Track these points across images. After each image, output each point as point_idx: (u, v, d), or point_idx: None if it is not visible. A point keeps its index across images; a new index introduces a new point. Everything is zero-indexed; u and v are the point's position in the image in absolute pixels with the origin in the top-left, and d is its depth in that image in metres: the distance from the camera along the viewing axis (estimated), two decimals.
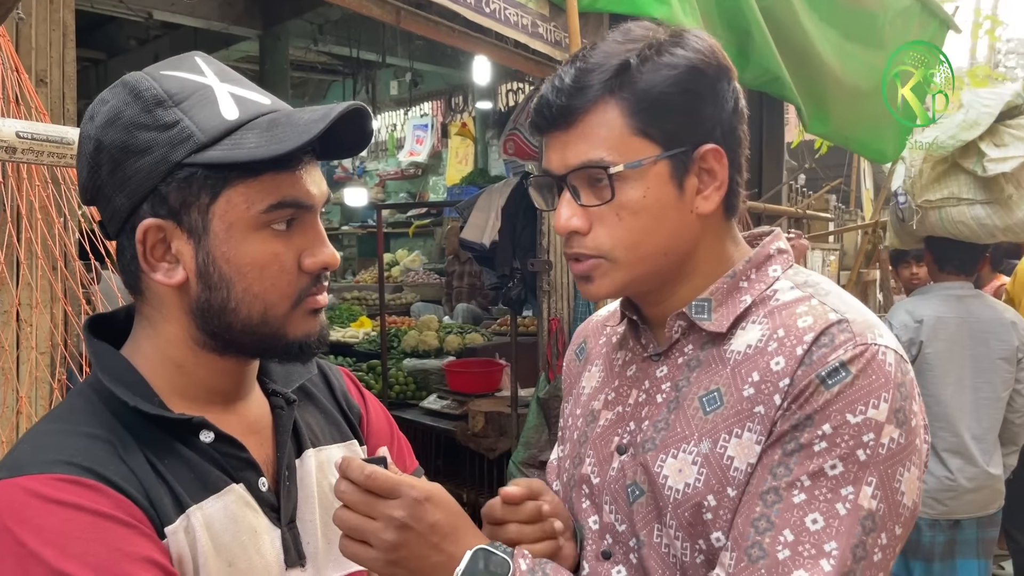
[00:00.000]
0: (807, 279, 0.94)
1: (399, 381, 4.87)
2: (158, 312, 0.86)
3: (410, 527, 0.81)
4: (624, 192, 0.88)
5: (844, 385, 0.81)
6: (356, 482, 0.81)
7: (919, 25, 5.29)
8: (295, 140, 0.78)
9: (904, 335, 3.01)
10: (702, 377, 0.91)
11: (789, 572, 0.78)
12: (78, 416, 0.81)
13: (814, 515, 0.79)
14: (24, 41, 1.82)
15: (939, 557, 3.02)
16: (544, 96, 0.91)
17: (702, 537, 0.87)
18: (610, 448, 0.97)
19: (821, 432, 0.81)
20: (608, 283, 0.92)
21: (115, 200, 0.82)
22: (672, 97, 0.88)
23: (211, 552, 0.81)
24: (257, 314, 0.83)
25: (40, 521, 0.71)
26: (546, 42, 3.42)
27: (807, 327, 0.86)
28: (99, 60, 8.08)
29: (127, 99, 0.81)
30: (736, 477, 0.85)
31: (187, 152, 0.79)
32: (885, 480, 0.81)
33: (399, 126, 10.57)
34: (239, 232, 0.81)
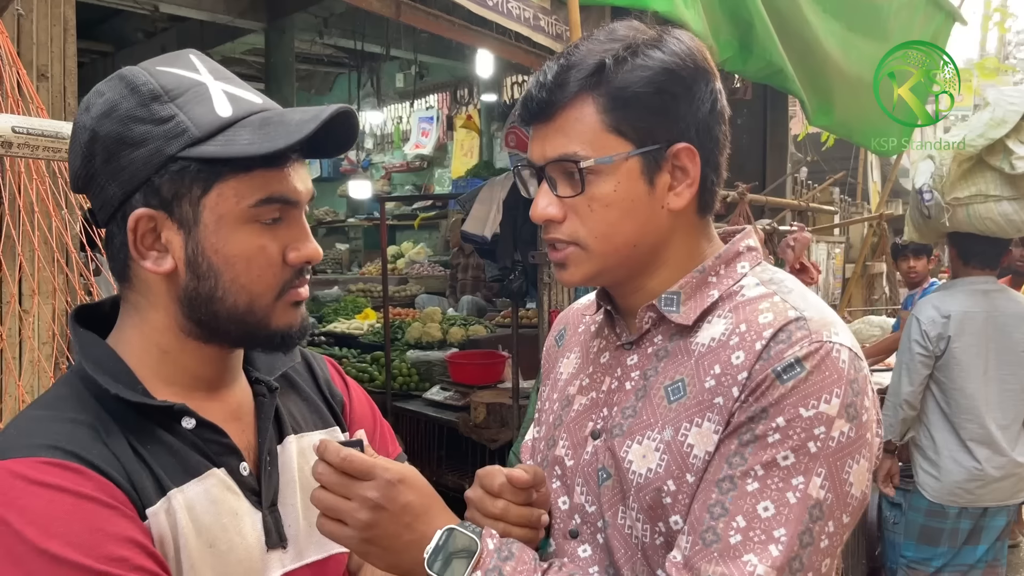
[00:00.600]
0: (772, 277, 0.97)
1: (403, 372, 4.90)
2: (145, 299, 0.88)
3: (383, 507, 0.84)
4: (596, 185, 0.92)
5: (798, 380, 0.85)
6: (332, 464, 0.85)
7: (924, 17, 5.26)
8: (287, 139, 0.81)
9: (932, 330, 3.13)
10: (669, 367, 0.95)
11: (740, 556, 0.82)
12: (63, 403, 0.84)
13: (766, 503, 0.83)
14: (25, 36, 1.84)
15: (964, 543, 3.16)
16: (529, 89, 0.95)
17: (661, 520, 0.90)
18: (584, 433, 1.01)
19: (775, 424, 0.84)
20: (581, 271, 0.96)
21: (107, 189, 0.84)
22: (645, 97, 0.91)
23: (192, 533, 0.83)
24: (243, 304, 0.86)
25: (24, 502, 0.74)
26: (547, 35, 3.42)
27: (767, 323, 0.89)
28: (107, 53, 8.11)
29: (124, 92, 0.83)
30: (695, 464, 0.88)
31: (181, 146, 0.81)
32: (834, 471, 0.85)
33: (405, 119, 10.60)
34: (228, 225, 0.84)
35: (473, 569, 0.85)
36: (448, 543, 0.86)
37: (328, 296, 7.29)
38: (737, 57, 4.02)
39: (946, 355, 3.13)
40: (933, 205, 3.15)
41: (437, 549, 0.86)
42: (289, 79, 7.11)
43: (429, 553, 0.86)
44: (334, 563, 0.98)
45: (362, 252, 10.37)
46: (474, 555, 0.86)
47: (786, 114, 6.58)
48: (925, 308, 3.26)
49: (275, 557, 0.91)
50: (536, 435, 1.14)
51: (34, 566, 0.72)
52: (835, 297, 7.00)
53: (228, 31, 6.82)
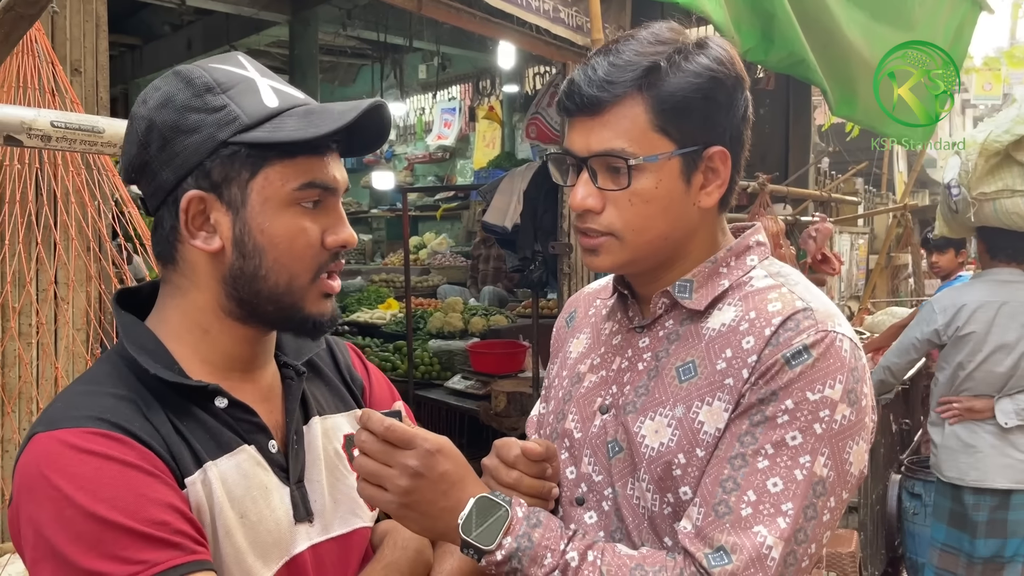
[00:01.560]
0: (779, 270, 1.04)
1: (424, 362, 4.96)
2: (189, 280, 0.93)
3: (423, 475, 0.90)
4: (639, 181, 0.97)
5: (806, 366, 0.92)
6: (376, 433, 0.91)
7: (950, 5, 5.20)
8: (331, 125, 0.88)
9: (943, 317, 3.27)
10: (680, 350, 1.01)
11: (750, 527, 0.89)
12: (106, 379, 0.89)
13: (775, 479, 0.90)
14: (59, 32, 1.90)
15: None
16: (576, 82, 0.99)
17: (670, 491, 0.96)
18: (593, 407, 1.07)
19: (784, 407, 0.91)
20: (611, 259, 1.02)
21: (161, 175, 0.90)
22: (693, 101, 0.97)
23: (225, 503, 0.88)
24: (284, 283, 0.91)
25: (74, 469, 0.79)
26: (567, 27, 3.44)
27: (776, 311, 0.96)
28: (135, 46, 8.23)
29: (179, 85, 0.89)
30: (704, 440, 0.95)
31: (233, 132, 0.88)
32: (836, 451, 0.92)
33: (427, 110, 10.62)
34: (273, 206, 0.89)
35: (504, 535, 0.91)
36: (481, 510, 0.92)
37: (351, 286, 7.37)
38: (759, 47, 4.01)
39: (955, 341, 3.25)
40: (960, 200, 3.20)
41: (471, 515, 0.92)
42: (313, 71, 7.17)
43: (463, 519, 0.92)
44: (358, 537, 1.03)
45: (385, 243, 10.44)
46: (505, 522, 0.92)
47: (809, 104, 6.54)
48: (942, 296, 3.39)
49: (302, 530, 0.96)
50: (543, 410, 1.20)
51: (83, 528, 0.77)
52: (858, 288, 6.96)
53: (253, 23, 6.89)
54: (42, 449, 0.81)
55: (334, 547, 0.99)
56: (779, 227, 4.18)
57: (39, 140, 1.24)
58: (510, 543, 0.91)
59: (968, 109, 16.98)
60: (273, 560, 0.92)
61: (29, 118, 1.24)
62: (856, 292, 6.92)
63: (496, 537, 0.91)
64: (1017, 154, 3.04)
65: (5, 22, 1.13)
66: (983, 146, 3.07)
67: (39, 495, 0.79)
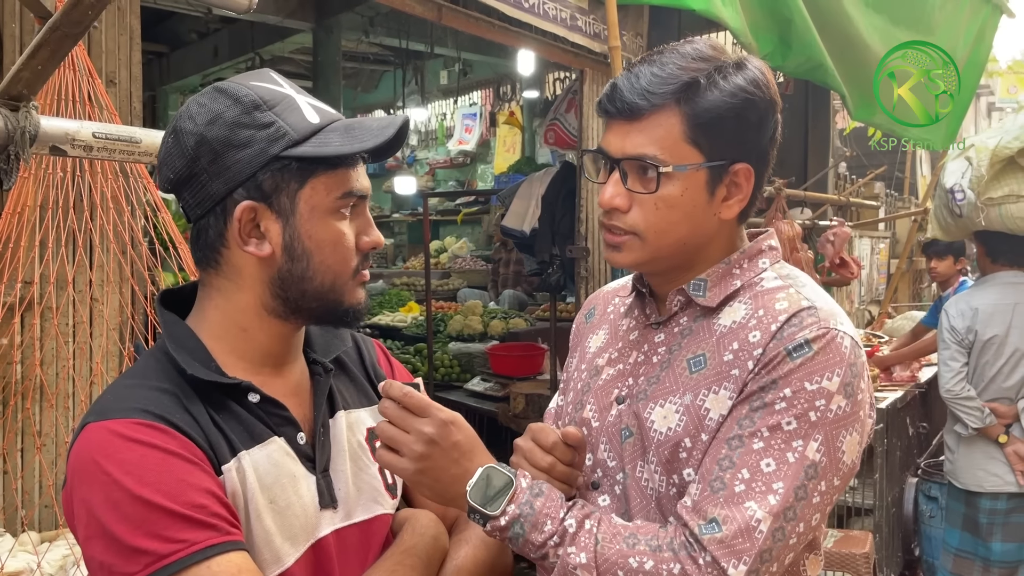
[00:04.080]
0: (789, 273, 1.11)
1: (444, 364, 5.03)
2: (232, 283, 1.00)
3: (436, 443, 0.98)
4: (666, 187, 1.04)
5: (806, 359, 0.98)
6: (395, 399, 0.98)
7: (970, 10, 5.19)
8: (373, 141, 0.97)
9: (960, 323, 3.30)
10: (691, 343, 1.08)
11: (742, 502, 0.95)
12: (151, 373, 0.96)
13: (768, 460, 0.96)
14: (95, 45, 2.00)
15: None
16: (618, 87, 1.06)
17: (676, 472, 1.03)
18: (610, 398, 1.14)
19: (782, 395, 0.97)
20: (632, 257, 1.08)
21: (209, 186, 0.96)
22: (726, 120, 1.03)
23: (257, 489, 0.95)
24: (328, 282, 0.99)
25: (121, 456, 0.87)
26: (585, 34, 3.50)
27: (782, 309, 1.02)
28: (162, 53, 8.39)
29: (227, 103, 0.96)
30: (709, 425, 1.02)
31: (283, 147, 0.95)
32: (830, 439, 0.97)
33: (448, 115, 10.71)
34: (319, 214, 0.97)
35: (508, 502, 0.98)
36: (488, 479, 0.99)
37: (373, 289, 7.46)
38: (776, 53, 4.04)
39: (978, 346, 3.28)
40: (966, 204, 3.23)
41: (478, 483, 0.99)
42: (336, 77, 7.27)
43: (471, 486, 0.99)
44: (379, 523, 1.09)
45: (406, 247, 10.53)
46: (510, 490, 0.99)
47: (828, 108, 6.54)
48: (955, 303, 3.41)
49: (327, 516, 1.02)
50: (561, 401, 1.27)
51: (129, 509, 0.85)
52: (879, 292, 6.94)
53: (277, 31, 7.01)
54: (93, 437, 0.89)
55: (356, 532, 1.06)
56: (796, 231, 4.20)
57: (82, 150, 1.32)
58: (513, 510, 0.98)
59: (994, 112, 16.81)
60: (300, 543, 0.98)
61: (73, 130, 1.32)
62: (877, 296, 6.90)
63: (501, 504, 0.98)
64: (1022, 159, 3.09)
65: (52, 41, 1.21)
66: (994, 152, 3.10)
67: (91, 479, 0.87)
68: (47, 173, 1.64)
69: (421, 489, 1.02)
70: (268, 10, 6.30)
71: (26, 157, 1.24)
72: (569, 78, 7.94)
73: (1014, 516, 3.22)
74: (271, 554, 0.95)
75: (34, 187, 1.65)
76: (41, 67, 1.23)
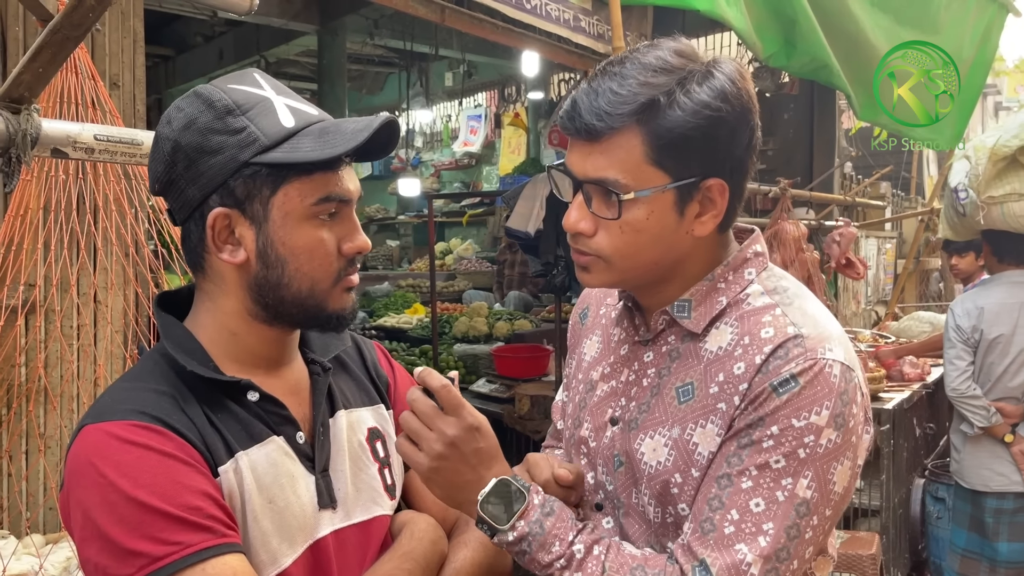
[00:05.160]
0: (776, 285, 1.05)
1: (450, 365, 5.02)
2: (217, 287, 0.99)
3: (457, 446, 0.97)
4: (630, 212, 0.98)
5: (792, 394, 0.94)
6: (433, 389, 0.98)
7: (976, 10, 5.17)
8: (344, 146, 0.94)
9: (966, 322, 3.30)
10: (680, 369, 1.04)
11: (732, 544, 0.93)
12: (148, 376, 0.96)
13: (757, 499, 0.93)
14: (99, 48, 2.00)
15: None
16: (577, 105, 0.98)
17: (671, 505, 1.01)
18: (604, 418, 1.12)
19: (770, 432, 0.94)
20: (600, 279, 1.05)
21: (187, 192, 0.96)
22: (692, 139, 0.96)
23: (255, 490, 0.95)
24: (306, 289, 0.97)
25: (118, 458, 0.86)
26: (588, 35, 3.49)
27: (768, 338, 0.98)
28: (168, 56, 8.44)
29: (201, 108, 0.95)
30: (699, 460, 0.99)
31: (253, 153, 0.93)
32: (820, 474, 0.94)
33: (453, 117, 10.73)
34: (293, 220, 0.95)
35: (519, 518, 0.97)
36: (501, 491, 0.99)
37: (378, 291, 7.47)
38: (781, 53, 4.02)
39: (985, 345, 3.28)
40: (969, 203, 3.23)
41: (491, 494, 0.98)
42: (341, 79, 7.30)
43: (483, 495, 0.98)
44: (378, 524, 1.09)
45: (411, 248, 10.54)
46: (522, 506, 0.98)
47: (834, 108, 6.52)
48: (961, 301, 3.41)
49: (326, 516, 1.02)
50: (564, 398, 1.25)
51: (124, 510, 0.85)
52: (885, 292, 6.91)
53: (282, 34, 7.04)
54: (90, 439, 0.89)
55: (355, 532, 1.05)
56: (801, 231, 4.19)
57: (83, 153, 1.32)
58: (523, 527, 0.97)
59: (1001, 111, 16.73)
60: (298, 543, 0.98)
61: (75, 132, 1.32)
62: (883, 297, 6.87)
63: (511, 519, 0.97)
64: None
65: (53, 43, 1.21)
66: (992, 151, 3.10)
67: (87, 481, 0.87)
68: (50, 176, 1.65)
69: (432, 487, 1.02)
70: (273, 13, 6.33)
71: (28, 159, 1.24)
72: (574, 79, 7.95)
73: (1020, 516, 3.20)
74: (268, 555, 0.95)
75: (37, 189, 1.65)
76: (42, 69, 1.23)
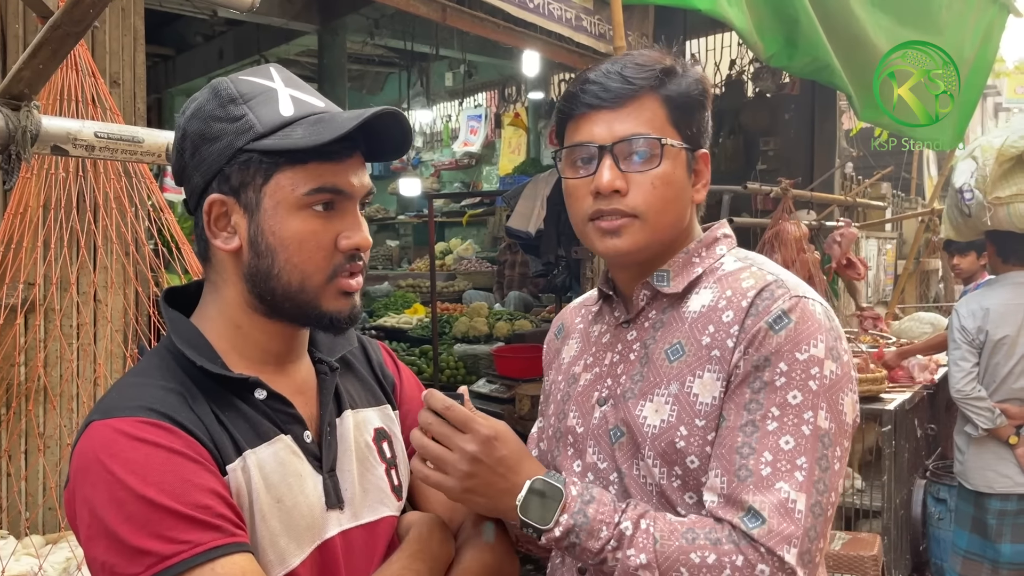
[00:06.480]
0: (747, 255, 1.15)
1: (450, 365, 5.03)
2: (221, 277, 0.99)
3: (481, 460, 0.98)
4: (665, 164, 1.07)
5: (789, 330, 1.00)
6: (436, 411, 0.98)
7: (978, 10, 5.17)
8: (331, 133, 0.92)
9: (971, 323, 3.29)
10: (665, 335, 1.10)
11: (772, 484, 0.96)
12: (156, 371, 0.95)
13: (786, 437, 0.98)
14: (99, 46, 1.99)
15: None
16: (595, 80, 1.08)
17: (677, 464, 1.04)
18: (591, 402, 1.15)
19: (780, 370, 0.99)
20: (632, 239, 1.08)
21: (193, 179, 0.97)
22: (695, 106, 1.10)
23: (263, 489, 0.94)
24: (296, 282, 0.95)
25: (126, 455, 0.85)
26: (590, 35, 3.49)
27: (750, 286, 1.05)
28: (168, 56, 8.42)
29: (209, 96, 0.96)
30: (702, 410, 1.03)
31: (248, 140, 0.93)
32: (832, 404, 1.00)
33: (454, 117, 10.72)
34: (284, 210, 0.94)
35: (561, 512, 0.98)
36: (537, 491, 0.99)
37: (379, 291, 7.47)
38: (782, 53, 4.02)
39: (990, 346, 3.26)
40: (974, 204, 3.24)
41: (528, 496, 0.99)
42: (341, 79, 7.28)
43: (521, 501, 0.98)
44: (385, 525, 1.07)
45: (412, 248, 10.53)
46: (560, 500, 0.98)
47: (835, 109, 6.51)
48: (966, 302, 3.41)
49: (333, 516, 1.01)
50: (541, 425, 1.28)
51: (133, 508, 0.84)
52: (886, 293, 6.91)
53: (283, 33, 7.02)
54: (98, 436, 0.88)
55: (362, 533, 1.04)
56: (802, 232, 4.18)
57: (84, 150, 1.32)
58: (567, 520, 0.97)
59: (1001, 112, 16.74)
60: (306, 543, 0.97)
61: (75, 129, 1.31)
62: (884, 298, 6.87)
63: (553, 515, 0.97)
64: None
65: (53, 39, 1.20)
66: (999, 151, 3.10)
67: (94, 478, 0.86)
68: (50, 173, 1.64)
69: (469, 504, 1.02)
70: (273, 12, 6.31)
71: (27, 157, 1.23)
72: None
73: (1023, 517, 3.20)
74: (276, 555, 0.94)
75: (37, 187, 1.65)
76: (42, 66, 1.22)
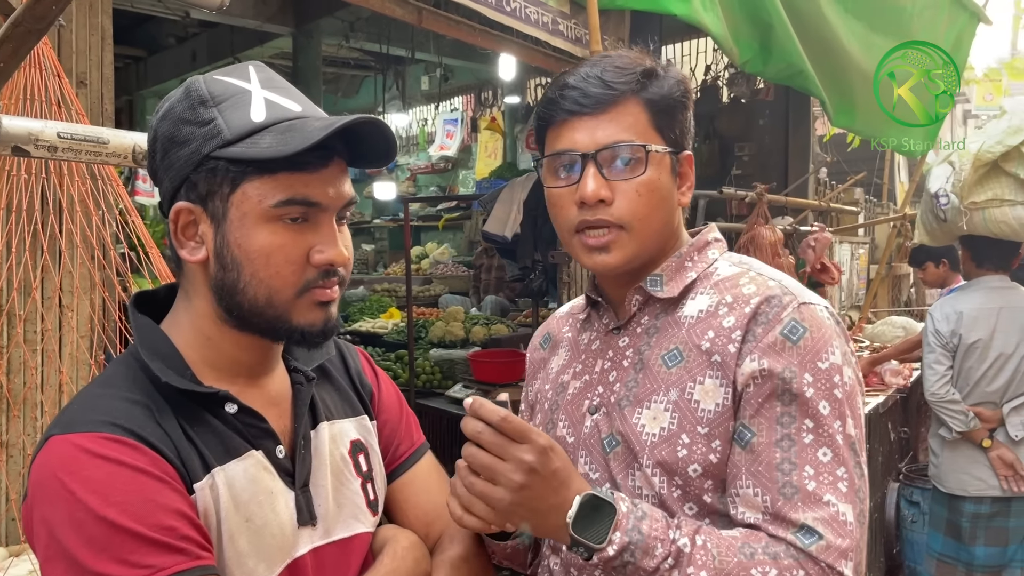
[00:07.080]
0: (741, 259, 1.12)
1: (426, 371, 4.98)
2: (192, 286, 0.95)
3: (537, 471, 0.91)
4: (650, 171, 1.04)
5: (806, 340, 0.98)
6: (492, 424, 0.91)
7: (948, 17, 5.23)
8: (299, 143, 0.86)
9: (945, 326, 3.32)
10: (661, 340, 1.06)
11: (820, 498, 0.94)
12: (121, 382, 0.90)
13: (823, 449, 0.96)
14: (65, 45, 1.94)
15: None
16: (575, 85, 1.04)
17: (678, 473, 1.00)
18: (582, 410, 1.11)
19: (806, 381, 0.97)
20: (622, 253, 1.05)
21: (164, 183, 0.92)
22: (676, 108, 1.07)
23: (231, 508, 0.90)
24: (263, 297, 0.90)
25: (87, 473, 0.81)
26: (566, 39, 3.48)
27: (752, 293, 1.02)
28: (139, 58, 8.31)
29: (181, 97, 0.91)
30: (704, 417, 0.99)
31: (215, 147, 0.88)
32: (854, 410, 0.99)
33: (430, 120, 10.69)
34: (250, 222, 0.88)
35: (614, 530, 0.92)
36: (588, 508, 0.93)
37: (354, 296, 7.40)
38: (757, 59, 4.04)
39: (963, 350, 3.30)
40: (950, 208, 3.27)
41: (579, 513, 0.93)
42: (316, 82, 7.22)
43: (571, 518, 0.92)
44: (359, 542, 1.04)
45: (387, 252, 10.48)
46: (613, 518, 0.93)
47: (808, 114, 6.57)
48: (940, 306, 3.44)
49: (305, 533, 0.97)
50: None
51: (93, 531, 0.79)
52: (858, 298, 6.97)
53: (257, 35, 6.95)
54: (57, 452, 0.83)
55: (335, 551, 1.00)
56: (777, 237, 4.20)
57: (46, 151, 1.27)
58: (620, 538, 0.92)
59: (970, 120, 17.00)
60: (276, 563, 0.93)
61: (36, 129, 1.27)
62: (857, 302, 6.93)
63: (606, 534, 0.92)
64: (1006, 165, 3.13)
65: (14, 37, 1.16)
66: (976, 156, 3.13)
67: (53, 497, 0.81)
68: (10, 175, 1.59)
69: (515, 519, 0.94)
70: (248, 14, 6.25)
71: None
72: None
73: (997, 520, 3.23)
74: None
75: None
76: (3, 64, 1.18)
